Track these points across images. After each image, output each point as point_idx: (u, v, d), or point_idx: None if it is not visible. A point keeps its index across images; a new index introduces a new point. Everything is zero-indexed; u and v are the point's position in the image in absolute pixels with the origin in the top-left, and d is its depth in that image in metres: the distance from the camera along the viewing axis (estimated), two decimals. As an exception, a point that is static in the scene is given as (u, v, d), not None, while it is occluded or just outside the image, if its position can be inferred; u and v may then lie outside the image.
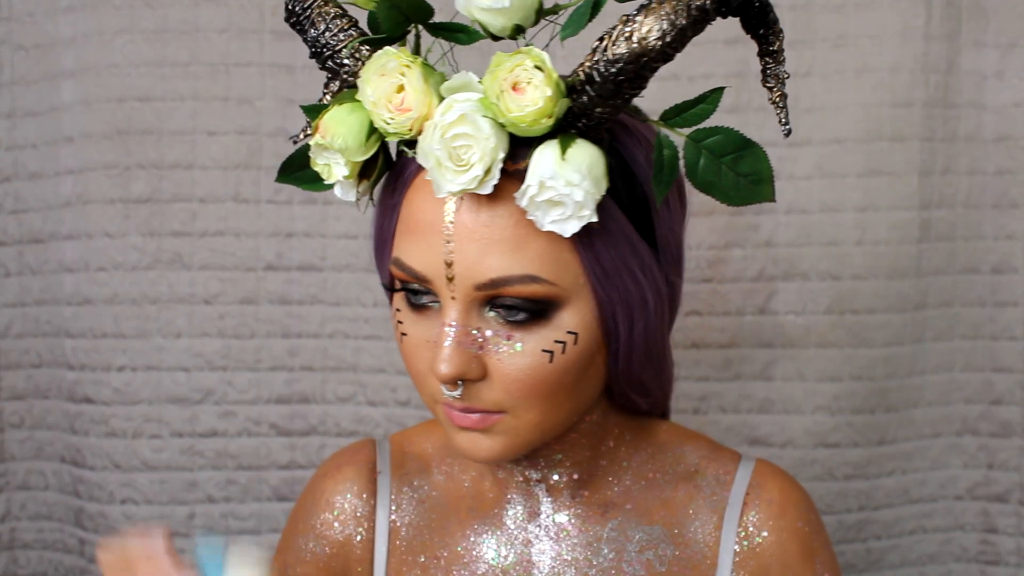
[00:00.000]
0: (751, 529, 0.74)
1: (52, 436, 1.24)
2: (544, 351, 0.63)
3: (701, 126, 0.63)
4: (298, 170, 0.69)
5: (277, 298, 1.18)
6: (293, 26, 0.67)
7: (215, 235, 1.17)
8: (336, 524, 0.79)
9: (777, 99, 0.62)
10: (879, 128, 1.10)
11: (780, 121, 0.62)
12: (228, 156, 1.16)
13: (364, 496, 0.79)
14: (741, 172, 0.62)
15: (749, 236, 1.13)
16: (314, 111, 0.66)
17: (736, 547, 0.73)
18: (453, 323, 0.63)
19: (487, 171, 0.59)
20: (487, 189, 0.60)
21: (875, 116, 1.10)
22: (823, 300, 1.12)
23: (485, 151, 0.59)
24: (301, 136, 0.71)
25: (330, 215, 1.17)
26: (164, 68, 1.15)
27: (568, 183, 0.58)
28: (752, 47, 1.12)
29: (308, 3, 0.65)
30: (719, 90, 0.62)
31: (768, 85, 0.62)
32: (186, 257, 1.17)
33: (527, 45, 0.61)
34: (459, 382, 0.64)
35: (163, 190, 1.17)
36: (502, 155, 0.60)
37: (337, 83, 0.70)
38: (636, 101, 0.68)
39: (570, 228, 0.60)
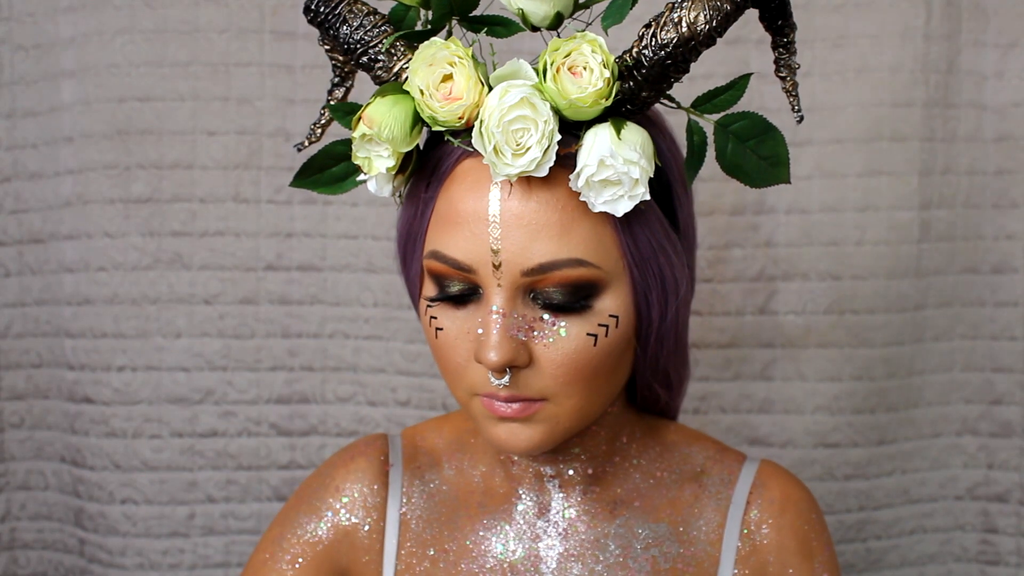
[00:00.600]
0: (752, 527, 0.75)
1: (52, 436, 1.24)
2: (589, 335, 0.65)
3: (728, 112, 0.65)
4: (316, 173, 0.69)
5: (277, 298, 1.18)
6: (319, 25, 0.68)
7: (215, 235, 1.17)
8: (343, 511, 0.79)
9: (790, 88, 0.65)
10: (879, 128, 1.10)
11: (793, 108, 0.66)
12: (228, 156, 1.16)
13: (375, 488, 0.79)
14: (762, 155, 0.65)
15: (749, 236, 1.13)
16: (342, 111, 0.67)
17: (738, 544, 0.74)
18: (500, 310, 0.64)
19: (544, 153, 0.61)
20: (543, 172, 0.61)
21: (875, 116, 1.10)
22: (823, 300, 1.12)
23: (544, 133, 0.60)
24: (306, 143, 0.71)
25: (330, 215, 1.17)
26: (164, 68, 1.15)
27: (627, 161, 0.61)
28: (752, 46, 1.13)
29: (336, 2, 0.67)
30: (746, 77, 0.65)
31: (781, 75, 0.65)
32: (186, 257, 1.17)
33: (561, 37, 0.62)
34: (507, 369, 0.64)
35: (163, 190, 1.17)
36: (558, 137, 0.61)
37: (342, 89, 0.71)
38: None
39: (622, 207, 0.62)
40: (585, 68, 0.60)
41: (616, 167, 0.60)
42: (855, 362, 1.13)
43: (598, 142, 0.61)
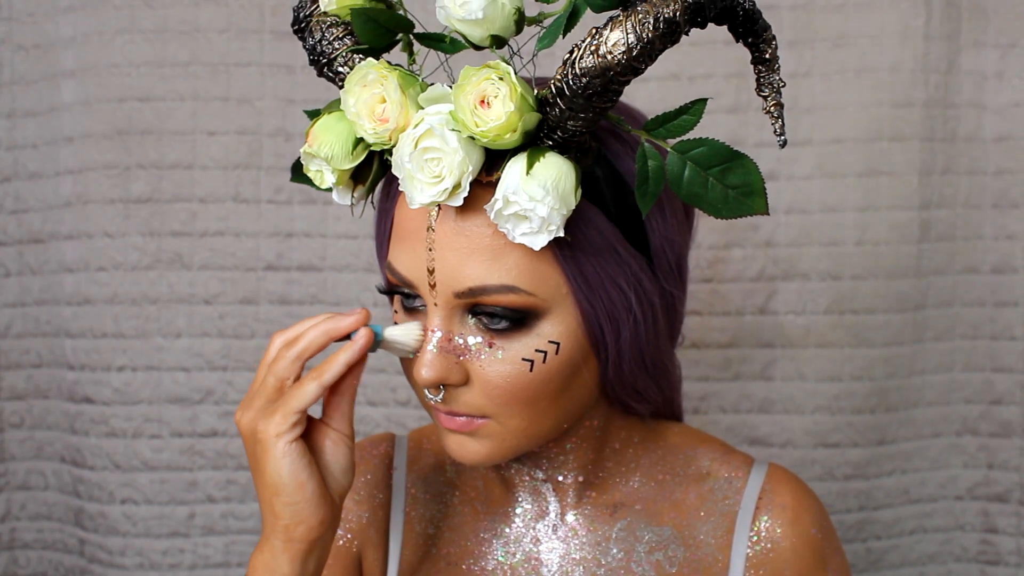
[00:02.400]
0: (764, 534, 0.74)
1: (52, 436, 1.24)
2: (524, 360, 0.64)
3: (686, 137, 0.61)
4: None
5: (277, 298, 1.18)
6: (296, 34, 0.68)
7: (215, 235, 1.17)
8: (356, 507, 0.80)
9: (772, 108, 0.60)
10: (879, 128, 1.10)
11: (775, 132, 0.61)
12: (228, 156, 1.16)
13: (381, 488, 0.80)
14: (730, 184, 0.61)
15: (749, 236, 1.13)
16: (315, 116, 0.67)
17: (748, 551, 0.74)
18: (436, 329, 0.65)
19: (457, 184, 0.60)
20: (457, 201, 0.60)
21: (875, 116, 1.10)
22: (823, 300, 1.12)
23: (453, 164, 0.59)
24: None
25: (330, 215, 1.17)
26: (164, 68, 1.15)
27: (531, 198, 0.58)
28: (752, 47, 1.13)
29: (308, 11, 0.66)
30: (702, 101, 0.61)
31: (763, 94, 0.61)
32: (186, 257, 1.17)
33: (513, 55, 0.61)
34: (440, 386, 0.65)
35: (163, 190, 1.17)
36: (471, 168, 0.60)
37: None
38: (634, 102, 0.69)
39: (539, 242, 0.60)
40: (496, 98, 0.57)
41: (521, 203, 0.58)
42: (855, 362, 1.13)
43: (509, 175, 0.59)
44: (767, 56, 0.60)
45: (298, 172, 0.69)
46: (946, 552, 1.17)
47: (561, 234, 0.60)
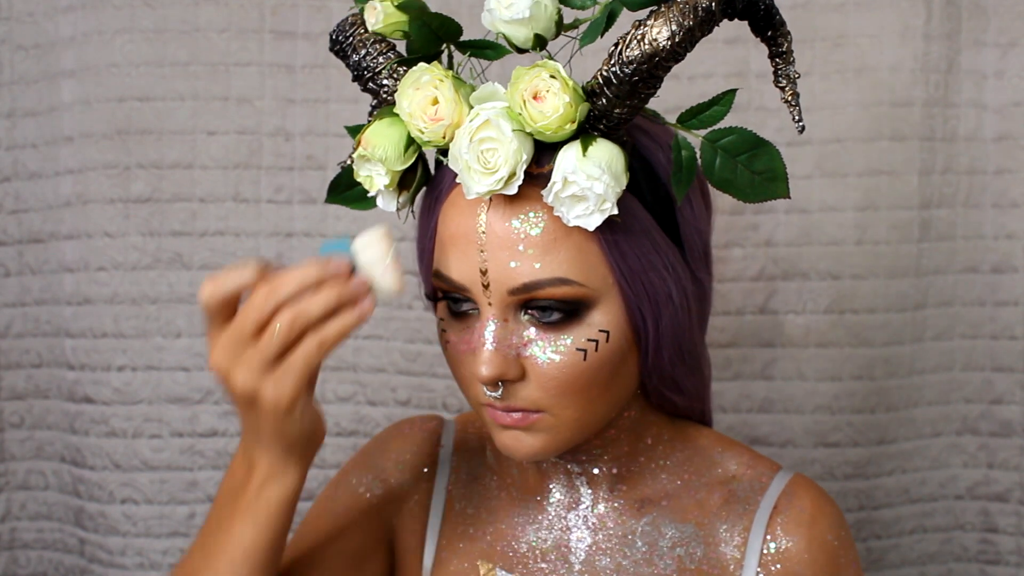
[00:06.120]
0: (779, 532, 0.75)
1: (52, 436, 1.24)
2: (578, 349, 0.67)
3: (716, 127, 0.66)
4: (346, 190, 0.73)
5: (277, 298, 1.18)
6: (337, 54, 0.71)
7: (215, 235, 1.17)
8: (397, 474, 0.82)
9: (789, 98, 0.66)
10: (879, 128, 1.10)
11: (794, 118, 0.66)
12: (228, 156, 1.16)
13: (426, 459, 0.83)
14: (756, 170, 0.66)
15: (749, 236, 1.13)
16: (357, 130, 0.71)
17: (764, 550, 0.74)
18: (491, 327, 0.67)
19: (512, 173, 0.63)
20: (512, 190, 0.63)
21: (875, 116, 1.10)
22: (823, 300, 1.12)
23: (508, 154, 0.63)
24: (348, 161, 0.74)
25: (330, 215, 1.17)
26: (164, 68, 1.15)
27: (589, 176, 0.62)
28: (752, 46, 1.13)
29: (350, 32, 0.71)
30: (731, 92, 0.66)
31: (780, 85, 0.66)
32: (186, 257, 1.17)
33: (549, 59, 0.64)
34: (499, 383, 0.67)
35: (163, 190, 1.17)
36: (525, 157, 0.63)
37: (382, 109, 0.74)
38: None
39: (594, 222, 0.63)
40: (548, 92, 0.62)
41: (580, 183, 0.62)
42: (855, 362, 1.13)
43: (565, 159, 0.63)
44: (783, 49, 0.66)
45: (335, 191, 0.73)
46: (946, 552, 1.17)
47: (615, 211, 0.63)
